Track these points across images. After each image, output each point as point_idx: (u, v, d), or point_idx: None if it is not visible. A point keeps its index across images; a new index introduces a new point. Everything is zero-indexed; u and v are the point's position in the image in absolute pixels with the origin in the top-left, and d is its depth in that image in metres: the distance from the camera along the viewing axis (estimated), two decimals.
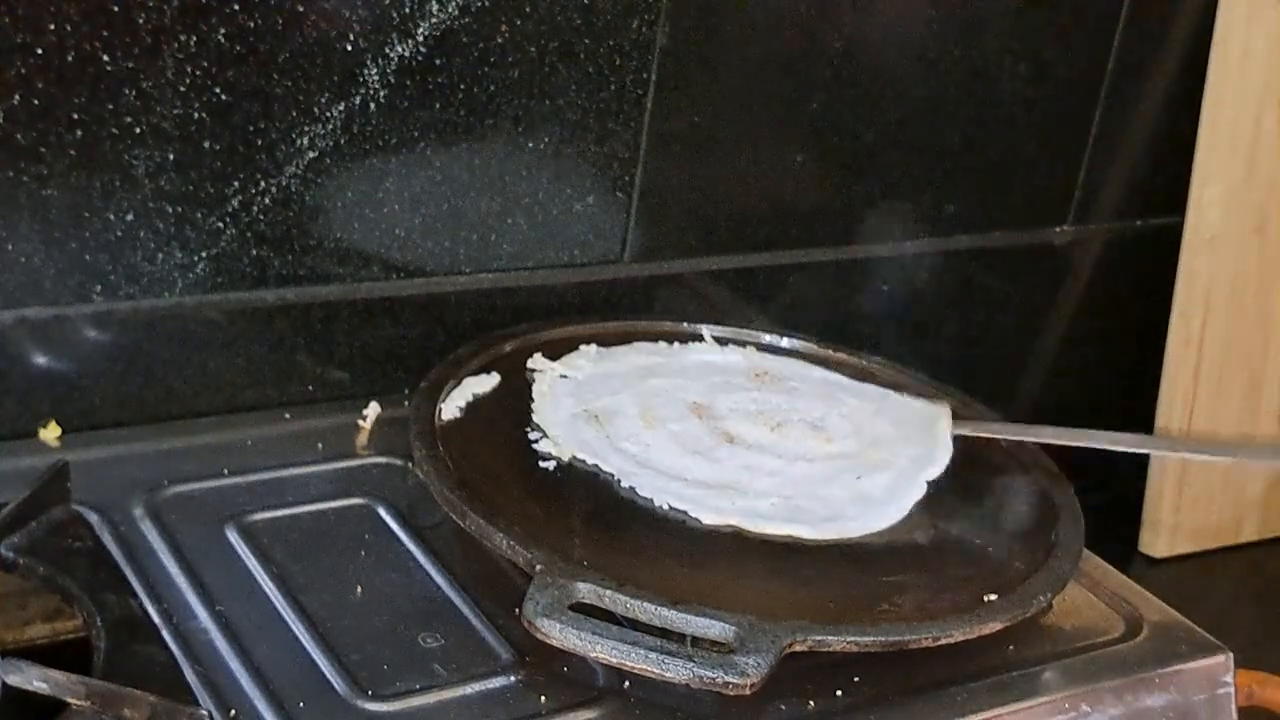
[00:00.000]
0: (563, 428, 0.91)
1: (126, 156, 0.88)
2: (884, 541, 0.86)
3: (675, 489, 0.86)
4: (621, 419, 0.92)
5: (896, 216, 1.20)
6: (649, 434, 0.91)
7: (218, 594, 0.78)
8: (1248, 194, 1.30)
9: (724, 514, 0.84)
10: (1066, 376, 1.37)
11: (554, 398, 0.94)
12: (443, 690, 0.74)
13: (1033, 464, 0.96)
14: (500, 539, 0.78)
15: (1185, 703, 0.84)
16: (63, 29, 0.83)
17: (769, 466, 0.90)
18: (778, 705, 0.75)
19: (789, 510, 0.86)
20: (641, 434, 0.91)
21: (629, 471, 0.87)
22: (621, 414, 0.93)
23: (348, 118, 0.93)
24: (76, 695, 0.66)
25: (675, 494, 0.85)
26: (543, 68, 0.99)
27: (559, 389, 0.95)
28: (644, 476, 0.87)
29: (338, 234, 0.96)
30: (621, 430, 0.91)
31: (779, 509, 0.85)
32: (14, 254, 0.87)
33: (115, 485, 0.86)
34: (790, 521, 0.84)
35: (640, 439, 0.91)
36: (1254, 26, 1.26)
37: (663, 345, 1.03)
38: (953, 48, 1.16)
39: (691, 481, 0.87)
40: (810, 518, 0.85)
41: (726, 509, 0.85)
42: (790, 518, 0.85)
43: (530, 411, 0.93)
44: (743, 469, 0.89)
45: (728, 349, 1.04)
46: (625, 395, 0.95)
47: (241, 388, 0.97)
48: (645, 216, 1.07)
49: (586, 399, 0.94)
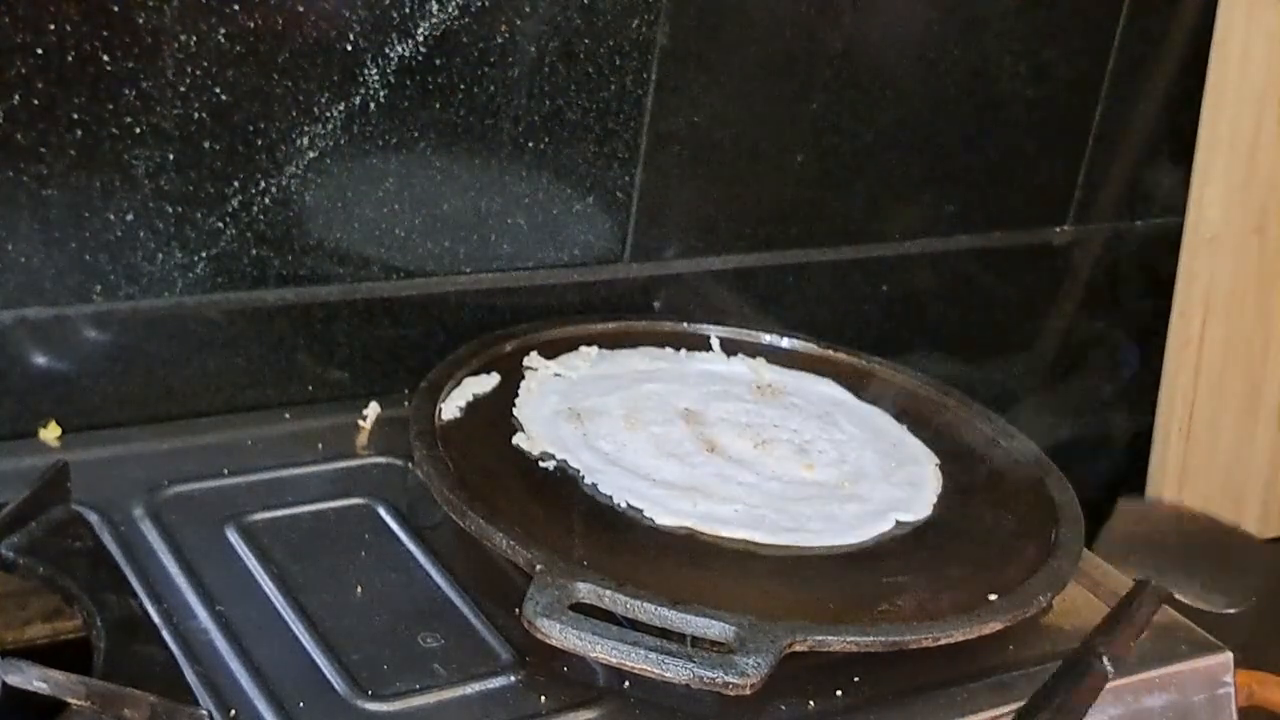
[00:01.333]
0: (540, 424, 0.91)
1: (126, 156, 0.88)
2: (884, 542, 0.86)
3: (639, 488, 0.86)
4: (603, 419, 0.92)
5: (896, 216, 1.20)
6: (628, 435, 0.91)
7: (218, 594, 0.78)
8: (1248, 194, 1.30)
9: (680, 515, 0.84)
10: (1066, 376, 1.37)
11: (540, 395, 0.94)
12: (443, 690, 0.74)
13: (1033, 464, 0.96)
14: (500, 539, 0.78)
15: (1185, 703, 0.84)
16: (63, 29, 0.83)
17: (742, 479, 0.89)
18: (778, 705, 0.75)
19: (751, 518, 0.85)
20: (620, 434, 0.91)
21: (595, 469, 0.87)
22: (605, 414, 0.93)
23: (348, 118, 0.93)
24: (76, 695, 0.66)
25: (637, 493, 0.85)
26: (543, 68, 0.99)
27: (548, 387, 0.96)
28: (609, 474, 0.87)
29: (338, 234, 0.96)
30: (600, 429, 0.91)
31: (741, 516, 0.85)
32: (14, 254, 0.87)
33: (115, 485, 0.86)
34: (748, 528, 0.84)
35: (617, 439, 0.91)
36: (1254, 26, 1.26)
37: (668, 351, 1.03)
38: (953, 48, 1.16)
39: (659, 482, 0.87)
40: (770, 526, 0.85)
41: (684, 511, 0.84)
42: (750, 525, 0.84)
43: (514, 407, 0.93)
44: (715, 476, 0.89)
45: (734, 360, 1.04)
46: (615, 397, 0.95)
47: (241, 388, 0.97)
48: (645, 216, 1.07)
49: (574, 398, 0.94)
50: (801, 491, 0.89)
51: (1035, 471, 0.95)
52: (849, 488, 0.90)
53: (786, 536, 0.84)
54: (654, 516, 0.84)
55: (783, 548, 0.83)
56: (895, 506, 0.89)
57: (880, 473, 0.93)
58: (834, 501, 0.88)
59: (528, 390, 0.95)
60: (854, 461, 0.94)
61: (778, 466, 0.91)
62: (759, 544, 0.83)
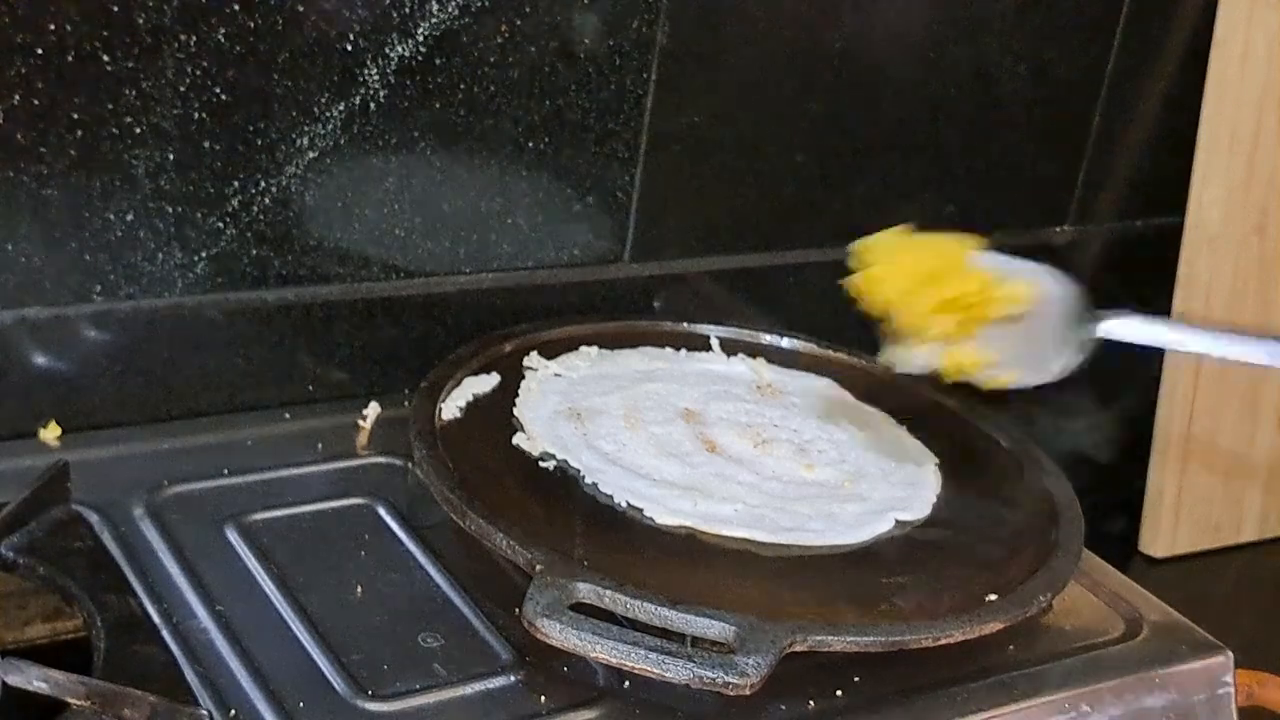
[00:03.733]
0: (540, 424, 0.91)
1: (126, 156, 0.88)
2: (883, 542, 0.86)
3: (639, 487, 0.86)
4: (604, 418, 0.92)
5: (896, 216, 1.20)
6: (628, 434, 0.91)
7: (218, 594, 0.78)
8: (1248, 194, 1.30)
9: (680, 515, 0.84)
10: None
11: (541, 395, 0.94)
12: (443, 690, 0.74)
13: (1033, 464, 0.96)
14: (500, 539, 0.78)
15: (1185, 703, 0.84)
16: (63, 29, 0.83)
17: (742, 478, 0.89)
18: (778, 705, 0.75)
19: (751, 517, 0.85)
20: (620, 434, 0.91)
21: (595, 468, 0.87)
22: (606, 414, 0.93)
23: (348, 118, 0.93)
24: (76, 695, 0.66)
25: (637, 492, 0.85)
26: (543, 68, 0.99)
27: (548, 387, 0.96)
28: (609, 474, 0.87)
29: (338, 234, 0.96)
30: (601, 429, 0.91)
31: (741, 515, 0.85)
32: (14, 254, 0.87)
33: (115, 485, 0.86)
34: (748, 527, 0.84)
35: (618, 438, 0.91)
36: (1254, 26, 1.26)
37: (669, 351, 1.03)
38: (953, 48, 1.16)
39: (659, 482, 0.87)
40: (770, 526, 0.85)
41: (684, 510, 0.84)
42: (750, 524, 0.84)
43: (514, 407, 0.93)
44: (714, 476, 0.89)
45: (734, 359, 1.04)
46: (615, 396, 0.95)
47: (241, 388, 0.97)
48: (645, 216, 1.07)
49: (574, 398, 0.94)
50: (801, 491, 0.89)
51: (1035, 472, 0.95)
52: (849, 487, 0.90)
53: (786, 535, 0.84)
54: (654, 516, 0.84)
55: (783, 547, 0.83)
56: (895, 506, 0.89)
57: (880, 472, 0.93)
58: (834, 501, 0.88)
59: (528, 390, 0.95)
60: (854, 461, 0.93)
61: (778, 466, 0.91)
62: (759, 543, 0.83)
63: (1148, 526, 1.34)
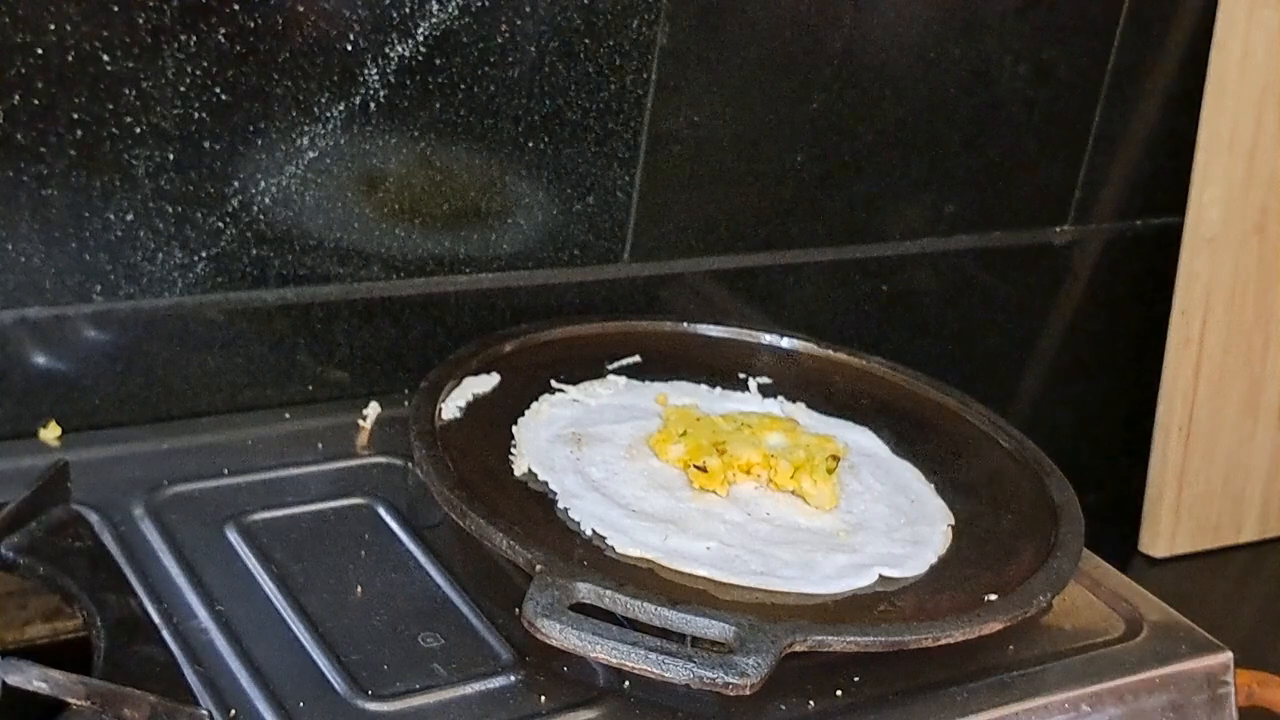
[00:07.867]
0: (534, 444, 0.89)
1: (126, 156, 0.88)
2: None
3: (612, 517, 0.83)
4: (605, 445, 0.90)
5: (896, 216, 1.20)
6: (624, 464, 0.89)
7: (218, 594, 0.78)
8: (1248, 194, 1.30)
9: (644, 548, 0.81)
10: (1066, 376, 1.37)
11: (549, 418, 0.93)
12: (443, 690, 0.74)
13: (1033, 464, 0.96)
14: (500, 539, 0.78)
15: (1185, 703, 0.84)
16: (63, 29, 0.83)
17: (730, 516, 0.86)
18: (778, 705, 0.75)
19: (721, 558, 0.81)
20: (616, 463, 0.89)
21: (572, 493, 0.85)
22: (609, 441, 0.91)
23: (348, 118, 0.93)
24: (76, 695, 0.66)
25: (607, 521, 0.82)
26: (543, 68, 0.99)
27: (559, 412, 0.94)
28: (585, 500, 0.84)
29: (338, 234, 0.96)
30: (596, 455, 0.89)
31: (711, 554, 0.81)
32: (14, 254, 0.87)
33: (115, 485, 0.86)
34: (713, 567, 0.80)
35: (610, 466, 0.88)
36: (1254, 26, 1.26)
37: (702, 388, 0.99)
38: (953, 48, 1.16)
39: (637, 513, 0.84)
40: (738, 568, 0.81)
41: (649, 544, 0.81)
42: (716, 564, 0.80)
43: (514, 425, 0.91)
44: (699, 512, 0.85)
45: (769, 402, 0.99)
46: (627, 426, 0.92)
47: (241, 388, 0.97)
48: (645, 216, 1.07)
49: (584, 423, 0.92)
50: (791, 536, 0.85)
51: (1035, 471, 0.95)
52: (844, 538, 0.86)
53: (752, 579, 0.80)
54: (615, 545, 0.81)
55: (745, 590, 0.79)
56: (885, 562, 0.84)
57: (884, 528, 0.88)
58: (821, 550, 0.84)
59: (536, 412, 0.93)
60: (860, 513, 0.89)
61: (775, 508, 0.87)
62: (719, 583, 0.79)
63: (1148, 526, 1.34)
